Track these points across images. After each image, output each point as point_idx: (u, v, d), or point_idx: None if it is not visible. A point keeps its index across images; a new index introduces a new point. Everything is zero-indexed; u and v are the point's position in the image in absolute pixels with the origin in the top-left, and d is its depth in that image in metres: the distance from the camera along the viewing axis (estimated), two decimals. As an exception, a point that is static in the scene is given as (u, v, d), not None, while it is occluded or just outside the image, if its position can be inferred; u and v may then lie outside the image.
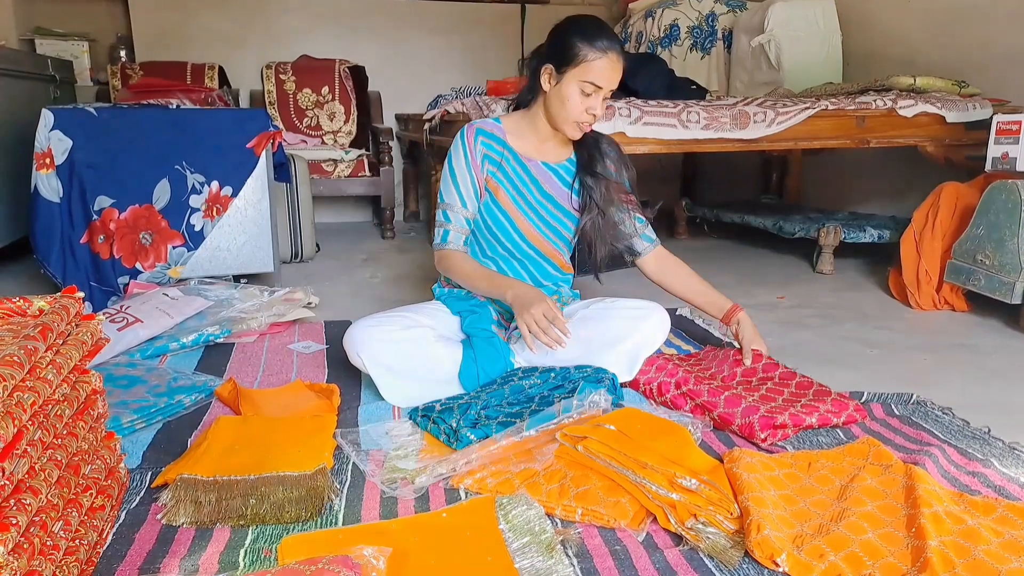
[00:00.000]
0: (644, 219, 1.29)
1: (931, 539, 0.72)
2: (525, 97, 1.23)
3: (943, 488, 0.84)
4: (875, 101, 2.00)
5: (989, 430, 1.04)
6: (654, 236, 1.32)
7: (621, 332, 1.17)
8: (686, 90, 2.23)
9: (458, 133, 1.22)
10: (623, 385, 1.18)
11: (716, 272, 2.19)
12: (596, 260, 1.26)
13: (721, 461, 0.89)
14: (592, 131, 1.23)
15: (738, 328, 1.23)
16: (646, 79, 2.14)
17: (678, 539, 0.77)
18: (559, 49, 1.12)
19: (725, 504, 0.78)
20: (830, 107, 1.95)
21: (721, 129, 1.87)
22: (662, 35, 2.84)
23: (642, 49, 2.90)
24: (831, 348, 1.47)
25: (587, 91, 1.11)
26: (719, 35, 2.86)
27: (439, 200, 1.24)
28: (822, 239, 2.14)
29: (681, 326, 1.59)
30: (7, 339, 0.66)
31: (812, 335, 1.57)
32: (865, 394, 1.14)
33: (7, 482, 0.55)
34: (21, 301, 0.74)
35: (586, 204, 1.22)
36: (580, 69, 1.10)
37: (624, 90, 2.19)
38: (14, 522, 0.56)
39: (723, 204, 2.78)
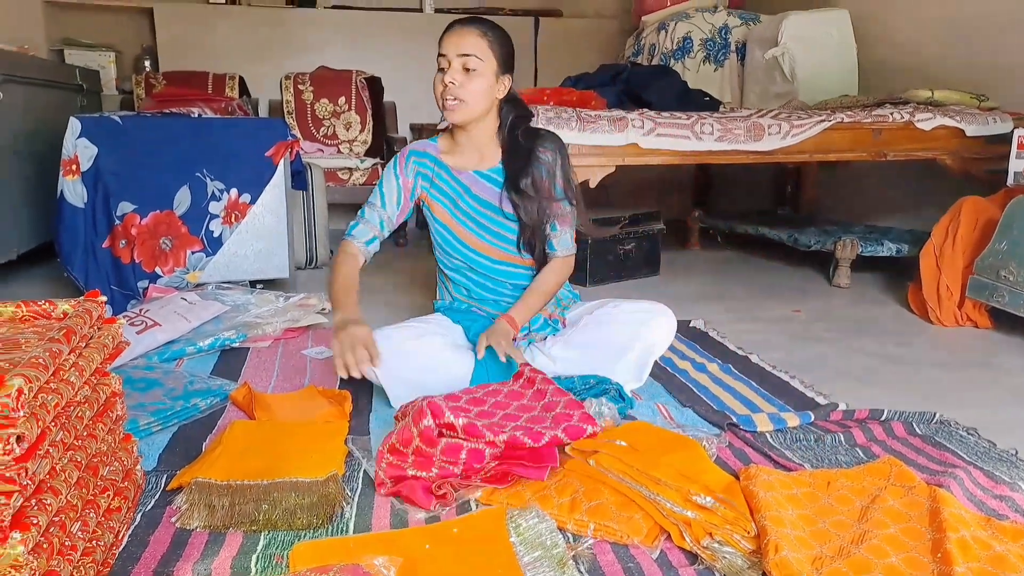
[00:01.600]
0: (558, 227, 1.22)
1: (958, 565, 0.70)
2: None
3: (969, 512, 0.82)
4: (892, 114, 1.98)
5: (1016, 452, 1.01)
6: (558, 248, 1.22)
7: (626, 338, 1.16)
8: (699, 102, 2.22)
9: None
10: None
11: (730, 285, 2.18)
12: (534, 251, 1.23)
13: (737, 478, 0.88)
14: (527, 136, 1.19)
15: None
16: (659, 91, 2.14)
17: (693, 558, 0.76)
18: None
19: (741, 523, 0.77)
20: (846, 119, 1.94)
21: (735, 141, 1.87)
22: (675, 47, 2.85)
23: (655, 61, 2.90)
24: (849, 364, 1.44)
25: (441, 65, 1.14)
26: (732, 47, 2.86)
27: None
28: (839, 252, 2.12)
29: (694, 338, 1.57)
30: (33, 341, 0.68)
31: (829, 350, 1.54)
32: (886, 412, 1.12)
33: (29, 482, 0.56)
34: (46, 304, 0.76)
35: (518, 216, 1.21)
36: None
37: (637, 102, 2.20)
38: (35, 522, 0.56)
39: (737, 215, 2.76)
